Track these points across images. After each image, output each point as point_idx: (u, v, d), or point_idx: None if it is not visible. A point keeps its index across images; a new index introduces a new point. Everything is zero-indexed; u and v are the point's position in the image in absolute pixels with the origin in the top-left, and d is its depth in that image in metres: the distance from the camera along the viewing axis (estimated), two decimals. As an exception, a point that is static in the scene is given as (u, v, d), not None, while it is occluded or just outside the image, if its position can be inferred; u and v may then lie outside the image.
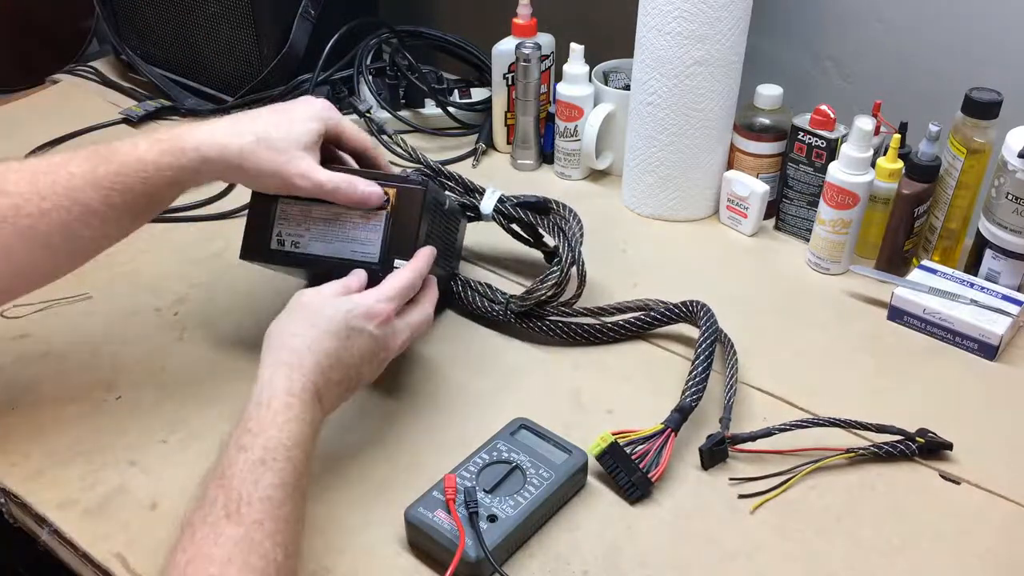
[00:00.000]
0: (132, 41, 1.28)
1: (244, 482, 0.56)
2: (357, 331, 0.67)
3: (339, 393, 0.67)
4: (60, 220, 0.67)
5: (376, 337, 0.68)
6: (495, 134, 1.16)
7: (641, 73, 0.97)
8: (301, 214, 0.77)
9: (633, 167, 1.03)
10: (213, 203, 1.03)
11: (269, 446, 0.58)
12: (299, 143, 0.72)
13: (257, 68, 1.16)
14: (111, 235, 0.72)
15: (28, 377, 0.80)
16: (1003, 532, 0.68)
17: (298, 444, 0.60)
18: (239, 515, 0.55)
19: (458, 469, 0.68)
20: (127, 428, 0.75)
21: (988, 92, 0.86)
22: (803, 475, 0.72)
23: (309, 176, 0.72)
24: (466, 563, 0.61)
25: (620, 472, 0.69)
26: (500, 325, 0.86)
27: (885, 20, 1.02)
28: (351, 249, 0.76)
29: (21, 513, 0.70)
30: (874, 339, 0.86)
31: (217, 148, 0.70)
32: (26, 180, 0.68)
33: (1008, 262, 0.87)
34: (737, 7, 0.91)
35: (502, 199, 0.90)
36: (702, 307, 0.82)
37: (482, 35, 1.18)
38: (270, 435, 0.59)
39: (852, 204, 0.90)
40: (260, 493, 0.56)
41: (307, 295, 0.69)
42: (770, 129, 0.98)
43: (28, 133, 1.15)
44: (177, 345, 0.84)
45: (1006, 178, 0.84)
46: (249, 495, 0.56)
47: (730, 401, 0.75)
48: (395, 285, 0.70)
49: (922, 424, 0.74)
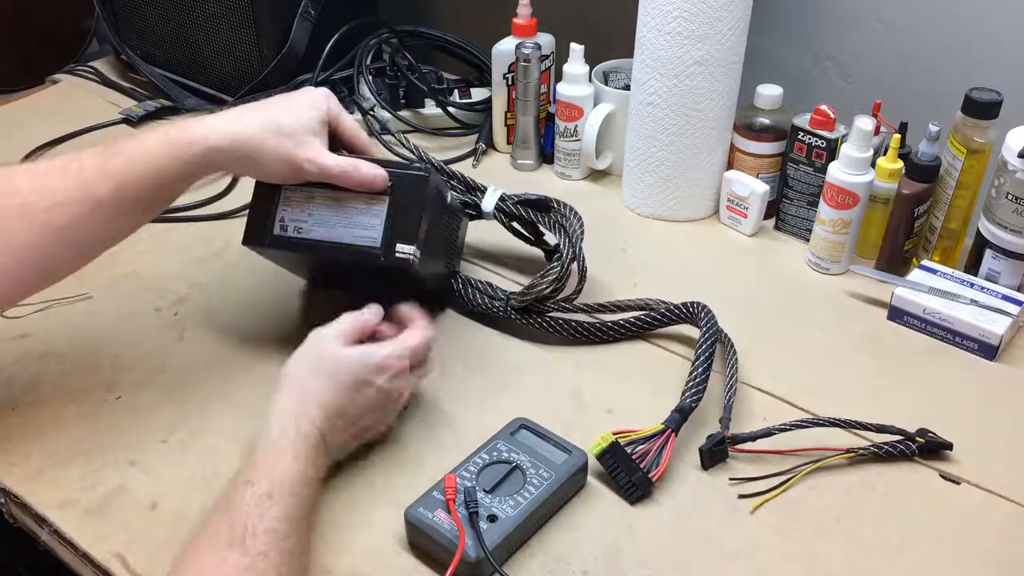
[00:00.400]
0: (132, 41, 1.28)
1: (250, 515, 0.57)
2: (367, 384, 0.68)
3: (345, 440, 0.69)
4: (73, 213, 0.68)
5: (385, 391, 0.69)
6: (495, 134, 1.16)
7: (641, 73, 0.97)
8: (304, 199, 0.77)
9: (633, 167, 1.03)
10: (213, 203, 1.03)
11: (275, 480, 0.60)
12: (307, 128, 0.73)
13: (257, 68, 1.16)
14: (123, 228, 0.73)
15: (28, 377, 0.80)
16: (1003, 532, 0.68)
17: (304, 484, 0.61)
18: (244, 546, 0.56)
19: (458, 469, 0.68)
20: (127, 428, 0.75)
21: (988, 92, 0.86)
22: (803, 475, 0.71)
23: (316, 160, 0.73)
24: (466, 563, 0.61)
25: (620, 472, 0.69)
26: (500, 324, 0.86)
27: (885, 20, 1.02)
28: (354, 234, 0.76)
29: (21, 513, 0.70)
30: (874, 339, 0.86)
31: (226, 137, 0.71)
32: (38, 177, 0.69)
33: (1008, 262, 0.87)
34: (737, 7, 0.91)
35: (503, 197, 0.90)
36: (702, 308, 0.82)
37: (482, 35, 1.18)
38: (277, 473, 0.61)
39: (852, 204, 0.90)
40: (265, 525, 0.57)
41: (325, 340, 0.69)
42: (770, 129, 0.98)
43: (28, 133, 1.15)
44: (177, 345, 0.84)
45: (1006, 178, 0.84)
46: (255, 527, 0.57)
47: (730, 401, 0.75)
48: (408, 344, 0.71)
49: (922, 424, 0.74)
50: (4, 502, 0.71)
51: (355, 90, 1.16)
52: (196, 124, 0.71)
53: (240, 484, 0.60)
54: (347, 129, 0.79)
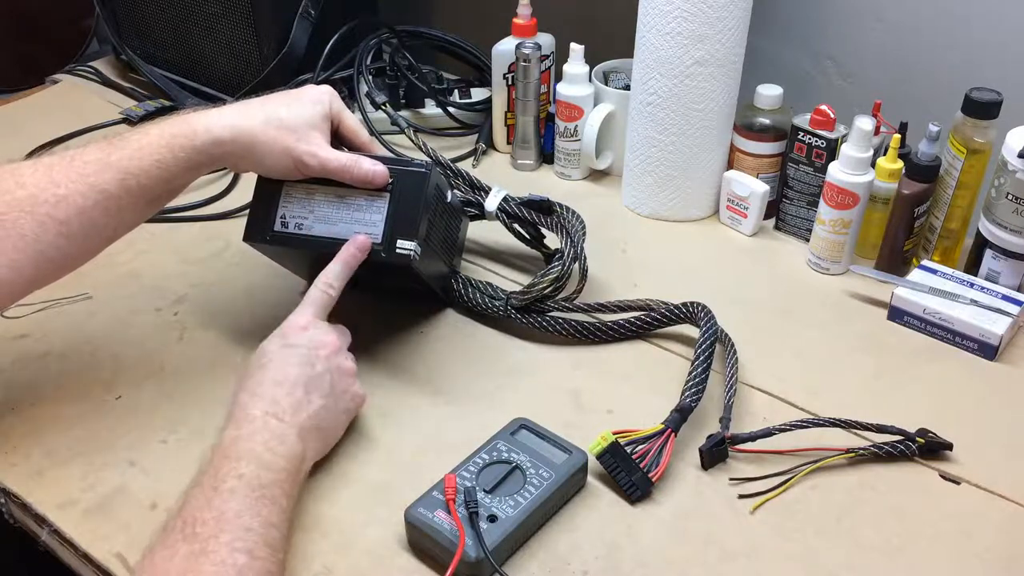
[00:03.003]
0: (132, 41, 1.28)
1: (196, 507, 0.58)
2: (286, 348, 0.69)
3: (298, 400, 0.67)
4: (77, 206, 0.68)
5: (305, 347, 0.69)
6: (495, 134, 1.16)
7: (641, 73, 0.97)
8: (305, 196, 0.77)
9: (633, 167, 1.03)
10: (213, 203, 1.04)
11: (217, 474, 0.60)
12: (309, 123, 0.74)
13: (257, 68, 1.16)
14: (127, 221, 0.73)
15: (28, 377, 0.80)
16: (1003, 532, 0.68)
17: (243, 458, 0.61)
18: (194, 535, 0.56)
19: (458, 469, 0.68)
20: (127, 428, 0.75)
21: (988, 92, 0.86)
22: (803, 475, 0.71)
23: (317, 155, 0.74)
24: (466, 563, 0.61)
25: (620, 472, 0.69)
26: (501, 324, 0.86)
27: (885, 20, 1.02)
28: (354, 230, 0.76)
29: (21, 513, 0.70)
30: (874, 339, 0.86)
31: (229, 129, 0.71)
32: (41, 172, 0.69)
33: (1008, 262, 0.87)
34: (737, 7, 0.91)
35: (507, 198, 0.90)
36: (702, 308, 0.82)
37: (482, 35, 1.18)
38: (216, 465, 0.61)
39: (852, 204, 0.90)
40: (212, 513, 0.57)
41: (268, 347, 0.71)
42: (770, 129, 0.98)
43: (28, 133, 1.15)
44: (177, 345, 0.84)
45: (1006, 178, 0.84)
46: (203, 519, 0.57)
47: (730, 401, 0.75)
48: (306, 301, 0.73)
49: (922, 424, 0.74)
50: (4, 502, 0.71)
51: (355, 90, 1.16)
52: (198, 117, 0.72)
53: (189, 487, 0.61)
54: (349, 127, 0.79)
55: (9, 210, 0.67)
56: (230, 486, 0.59)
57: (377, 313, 0.87)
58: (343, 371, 0.71)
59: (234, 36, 1.17)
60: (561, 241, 0.87)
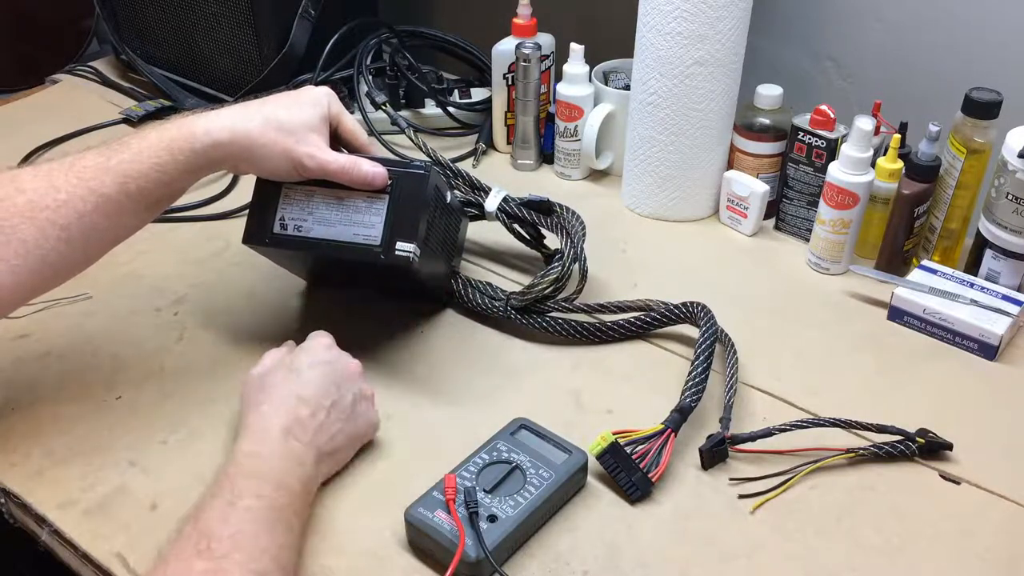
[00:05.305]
0: (132, 41, 1.28)
1: (213, 520, 0.58)
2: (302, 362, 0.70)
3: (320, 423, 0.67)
4: (77, 211, 0.68)
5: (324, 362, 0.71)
6: (495, 134, 1.16)
7: (641, 73, 0.97)
8: (305, 198, 0.77)
9: (633, 167, 1.03)
10: (213, 203, 1.04)
11: (235, 488, 0.60)
12: (308, 125, 0.74)
13: (257, 68, 1.16)
14: (128, 225, 0.73)
15: (28, 377, 0.80)
16: (1003, 532, 0.68)
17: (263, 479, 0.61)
18: (208, 551, 0.56)
19: (458, 469, 0.68)
20: (127, 428, 0.75)
21: (988, 92, 0.86)
22: (803, 475, 0.71)
23: (316, 156, 0.73)
24: (466, 563, 0.61)
25: (620, 472, 0.69)
26: (500, 324, 0.86)
27: (885, 20, 1.02)
28: (354, 232, 0.76)
29: (21, 513, 0.70)
30: (874, 339, 0.86)
31: (228, 131, 0.71)
32: (40, 178, 0.69)
33: (1008, 262, 0.87)
34: (737, 7, 0.91)
35: (507, 199, 0.90)
36: (702, 308, 0.82)
37: (482, 35, 1.18)
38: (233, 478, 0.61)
39: (852, 204, 0.90)
40: (228, 531, 0.57)
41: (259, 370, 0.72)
42: (770, 129, 0.98)
43: (28, 133, 1.15)
44: (177, 345, 0.84)
45: (1006, 178, 0.84)
46: (219, 535, 0.57)
47: (730, 401, 0.75)
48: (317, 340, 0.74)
49: (922, 424, 0.74)
50: (4, 502, 0.71)
51: (355, 90, 1.16)
52: (197, 120, 0.72)
53: (207, 496, 0.60)
54: (348, 128, 0.79)
55: (9, 216, 0.67)
56: (247, 504, 0.59)
57: (377, 313, 0.87)
58: (364, 396, 0.72)
59: (234, 36, 1.17)
60: (561, 241, 0.87)
